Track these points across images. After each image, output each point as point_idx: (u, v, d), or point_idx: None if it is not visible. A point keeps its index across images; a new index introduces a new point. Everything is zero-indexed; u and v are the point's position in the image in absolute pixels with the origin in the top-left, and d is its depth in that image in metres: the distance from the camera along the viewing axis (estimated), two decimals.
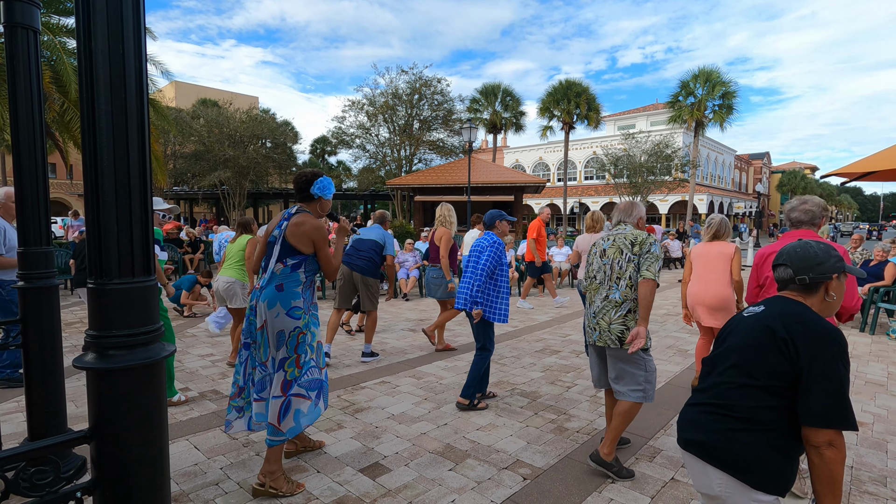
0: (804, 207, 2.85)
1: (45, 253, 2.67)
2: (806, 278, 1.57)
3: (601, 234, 3.18)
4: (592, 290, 3.02)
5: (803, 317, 1.50)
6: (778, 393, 1.46)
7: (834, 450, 1.37)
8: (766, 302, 1.65)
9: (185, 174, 25.22)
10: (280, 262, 2.81)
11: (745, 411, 1.48)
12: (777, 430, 1.45)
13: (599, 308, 2.93)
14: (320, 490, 2.69)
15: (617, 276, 2.90)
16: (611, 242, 3.01)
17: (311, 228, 2.80)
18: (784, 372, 1.45)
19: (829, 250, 1.60)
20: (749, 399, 1.48)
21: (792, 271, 1.59)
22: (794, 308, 1.54)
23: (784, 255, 1.64)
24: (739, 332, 1.60)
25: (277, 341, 2.71)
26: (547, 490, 2.72)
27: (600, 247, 3.07)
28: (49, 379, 2.65)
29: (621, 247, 2.94)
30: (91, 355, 1.25)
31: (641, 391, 2.86)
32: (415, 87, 23.01)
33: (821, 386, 1.38)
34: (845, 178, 6.40)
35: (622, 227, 3.10)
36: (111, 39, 1.21)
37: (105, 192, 1.22)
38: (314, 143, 42.78)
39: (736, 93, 26.86)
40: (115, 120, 1.22)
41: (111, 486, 1.26)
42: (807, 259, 1.58)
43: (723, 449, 1.49)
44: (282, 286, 2.78)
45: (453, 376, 4.72)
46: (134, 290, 1.26)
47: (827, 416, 1.37)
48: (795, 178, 59.49)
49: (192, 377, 4.67)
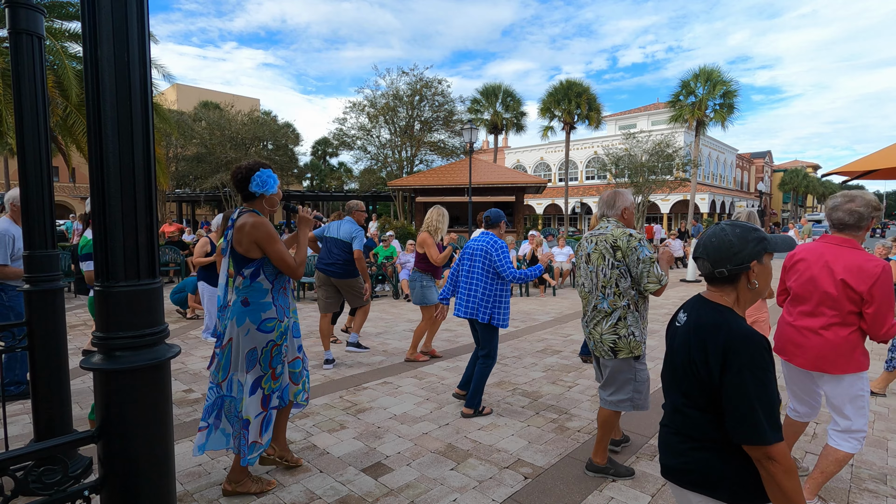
0: (849, 207, 2.38)
1: (49, 256, 2.70)
2: (724, 271, 1.44)
3: (585, 234, 2.99)
4: (584, 298, 2.89)
5: (714, 327, 1.40)
6: (712, 409, 1.39)
7: (774, 462, 1.27)
8: (688, 307, 1.55)
9: (187, 176, 25.30)
10: (238, 275, 2.62)
11: (693, 430, 1.43)
12: (729, 444, 1.37)
13: (591, 317, 2.82)
14: (323, 490, 2.72)
15: (602, 285, 2.74)
16: (593, 246, 2.80)
17: (250, 228, 2.54)
18: (710, 388, 1.38)
19: (746, 235, 1.43)
20: (694, 418, 1.43)
21: (710, 265, 1.47)
22: (705, 317, 1.44)
23: (700, 247, 1.50)
24: (674, 349, 1.53)
25: (248, 362, 2.54)
26: (548, 489, 2.74)
27: (584, 250, 2.87)
28: (54, 381, 2.68)
29: (603, 251, 2.74)
30: (98, 356, 1.28)
31: (629, 401, 2.79)
32: (415, 88, 23.06)
33: (732, 404, 1.31)
34: (847, 177, 6.41)
35: (605, 223, 2.85)
36: (116, 47, 1.23)
37: (111, 197, 1.25)
38: (315, 144, 42.93)
39: (737, 92, 26.84)
40: (121, 126, 1.24)
41: (118, 484, 1.29)
42: (722, 250, 1.43)
43: (689, 471, 1.43)
44: (247, 300, 2.59)
45: (455, 377, 4.74)
46: (139, 292, 1.28)
47: (745, 435, 1.29)
48: (797, 176, 59.39)
49: (196, 378, 4.70)
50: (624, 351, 2.73)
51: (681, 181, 26.74)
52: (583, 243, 2.92)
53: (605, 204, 2.90)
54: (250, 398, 2.54)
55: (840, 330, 2.36)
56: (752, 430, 1.28)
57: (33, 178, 2.61)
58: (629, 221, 2.86)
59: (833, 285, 2.35)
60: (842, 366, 2.36)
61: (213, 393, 2.59)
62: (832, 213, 2.47)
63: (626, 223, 2.86)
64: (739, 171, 51.05)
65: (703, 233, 1.54)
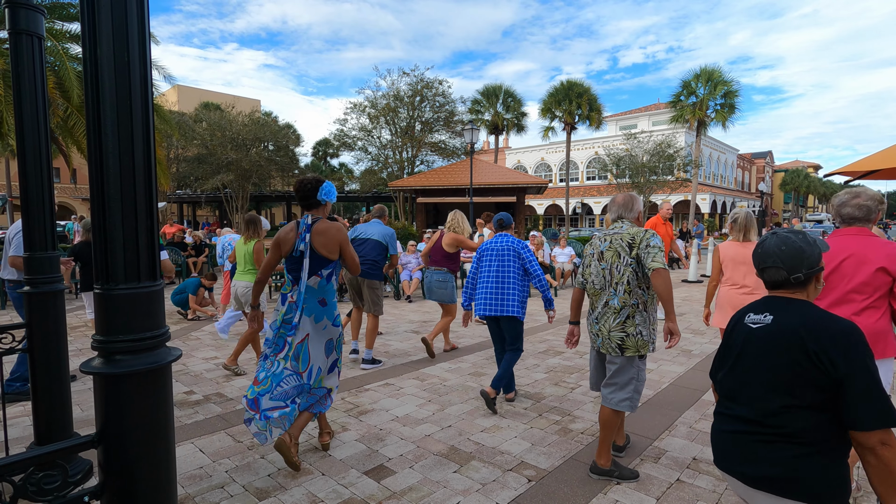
0: (857, 202, 2.50)
1: (50, 258, 2.68)
2: (801, 276, 1.52)
3: (597, 233, 3.06)
4: (594, 296, 2.92)
5: (823, 321, 1.45)
6: (824, 408, 1.42)
7: (888, 447, 1.34)
8: (770, 308, 1.55)
9: (188, 177, 25.30)
10: (315, 276, 2.96)
11: (801, 434, 1.43)
12: (830, 443, 1.41)
13: (600, 314, 2.86)
14: (325, 492, 2.70)
15: (615, 282, 2.79)
16: (608, 244, 2.85)
17: (336, 231, 2.97)
18: (825, 385, 1.40)
19: (808, 240, 1.53)
20: (801, 420, 1.43)
21: (786, 272, 1.53)
22: (810, 314, 1.48)
23: (772, 256, 1.55)
24: (757, 351, 1.52)
25: (327, 350, 3.04)
26: (552, 492, 2.72)
27: (597, 248, 2.91)
28: (55, 383, 2.66)
29: (619, 250, 2.79)
30: (98, 360, 1.26)
31: (629, 400, 2.80)
32: (416, 88, 23.05)
33: (864, 390, 1.36)
34: (849, 177, 6.39)
35: (620, 224, 2.91)
36: (116, 47, 1.22)
37: (111, 199, 1.23)
38: (316, 145, 42.94)
39: (738, 92, 26.81)
40: (121, 127, 1.23)
41: (118, 489, 1.27)
42: (796, 256, 1.52)
43: (798, 479, 1.43)
44: (324, 300, 3.00)
45: (457, 378, 4.72)
46: (140, 295, 1.27)
47: (879, 418, 1.34)
48: (798, 176, 59.33)
49: (197, 380, 4.68)
50: (631, 349, 2.76)
51: (682, 181, 26.73)
52: (595, 241, 2.97)
53: (623, 206, 2.95)
54: (329, 374, 3.08)
55: (872, 314, 2.40)
56: (884, 413, 1.34)
57: (33, 179, 2.60)
58: (641, 225, 2.96)
59: (868, 273, 2.39)
60: (880, 350, 2.37)
61: (293, 379, 2.94)
62: (841, 210, 2.55)
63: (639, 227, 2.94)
64: (740, 172, 51.00)
65: (763, 244, 1.59)
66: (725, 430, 1.60)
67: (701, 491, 2.71)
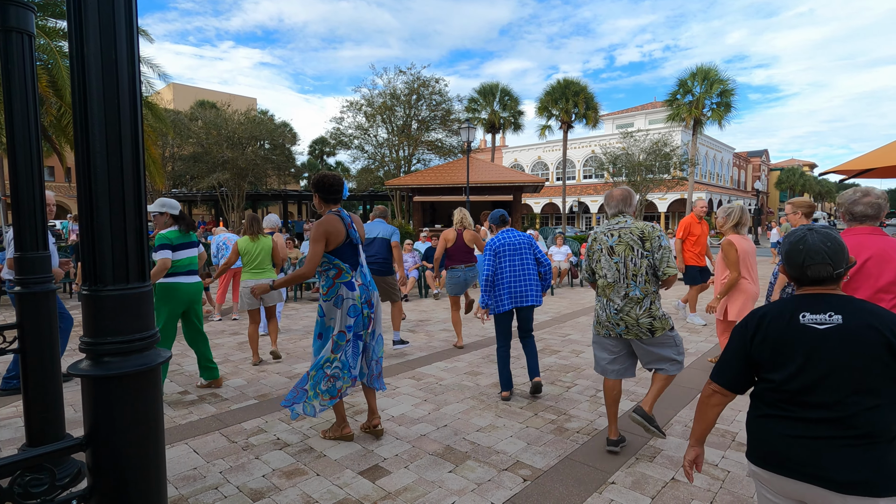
0: (868, 200, 2.53)
1: (41, 257, 2.66)
2: (843, 271, 1.56)
3: (598, 228, 3.18)
4: (607, 289, 3.04)
5: (882, 312, 1.48)
6: None
7: None
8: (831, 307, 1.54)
9: (183, 176, 25.18)
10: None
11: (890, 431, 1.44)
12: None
13: (622, 306, 3.00)
14: (320, 493, 2.68)
15: (633, 274, 2.96)
16: (616, 239, 2.99)
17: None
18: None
19: (839, 236, 1.59)
20: (888, 418, 1.44)
21: (832, 268, 1.54)
22: (878, 311, 1.50)
23: (819, 253, 1.55)
24: (834, 352, 1.48)
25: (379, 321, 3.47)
26: (547, 491, 2.71)
27: (605, 244, 3.03)
28: (48, 384, 2.64)
29: (630, 243, 2.95)
30: (86, 362, 1.24)
31: (679, 363, 3.09)
32: (413, 87, 22.98)
33: None
34: (844, 176, 6.40)
35: (622, 218, 3.06)
36: (104, 44, 1.20)
37: (99, 198, 1.21)
38: (312, 143, 42.80)
39: (734, 90, 26.88)
40: (109, 125, 1.21)
41: (107, 492, 1.26)
42: (840, 252, 1.55)
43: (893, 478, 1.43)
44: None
45: (453, 377, 4.71)
46: (128, 296, 1.25)
47: None
48: (794, 175, 59.55)
49: (191, 380, 4.66)
50: (660, 329, 3.00)
51: (678, 180, 26.79)
52: (599, 237, 3.10)
53: (622, 201, 3.11)
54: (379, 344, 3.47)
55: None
56: None
57: (24, 178, 2.57)
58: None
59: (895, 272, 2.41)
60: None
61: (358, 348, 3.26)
62: (853, 207, 2.58)
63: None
64: (736, 170, 51.15)
65: (806, 241, 1.58)
66: (797, 435, 1.52)
67: (696, 490, 2.71)
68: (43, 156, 2.71)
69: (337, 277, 3.23)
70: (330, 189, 3.25)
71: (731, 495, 2.66)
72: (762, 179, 55.33)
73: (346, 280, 3.24)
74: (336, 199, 3.28)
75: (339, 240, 3.20)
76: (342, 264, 3.24)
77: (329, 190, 3.24)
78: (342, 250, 3.24)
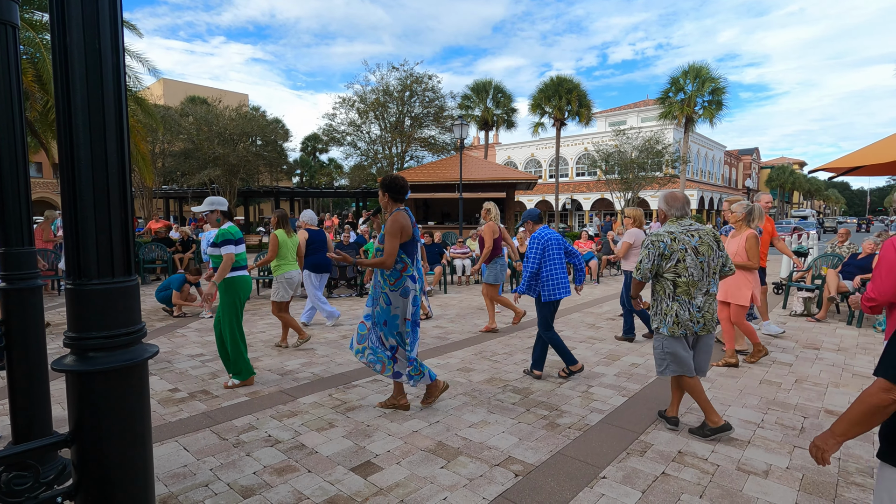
0: None
1: (27, 253, 2.62)
2: None
3: (662, 229, 3.28)
4: (691, 287, 3.18)
5: None
6: None
7: None
8: None
9: (174, 172, 24.92)
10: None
11: None
12: None
13: (703, 302, 3.21)
14: (311, 490, 2.67)
15: (713, 272, 3.23)
16: (698, 239, 3.19)
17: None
18: None
19: None
20: None
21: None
22: None
23: None
24: None
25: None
26: (539, 486, 2.72)
27: (688, 244, 3.18)
28: (34, 381, 2.60)
29: (710, 243, 3.21)
30: (70, 357, 1.22)
31: None
32: (406, 83, 22.89)
33: None
34: (833, 173, 6.47)
35: (688, 220, 3.29)
36: (87, 34, 1.18)
37: (82, 191, 1.19)
38: (305, 140, 42.53)
39: (725, 89, 27.07)
40: (92, 116, 1.19)
41: (93, 489, 1.24)
42: None
43: None
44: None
45: (445, 374, 4.71)
46: (114, 290, 1.23)
47: None
48: (784, 173, 60.13)
49: (182, 378, 4.62)
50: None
51: (670, 178, 26.93)
52: (680, 237, 3.20)
53: (687, 203, 3.34)
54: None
55: None
56: None
57: (8, 173, 2.53)
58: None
59: None
60: None
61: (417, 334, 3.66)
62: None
63: None
64: (727, 168, 51.53)
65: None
66: None
67: (686, 484, 2.73)
68: (29, 151, 2.66)
69: (404, 271, 3.56)
70: (400, 189, 3.57)
71: (721, 489, 2.68)
72: (753, 177, 55.71)
73: (411, 273, 3.58)
74: (403, 198, 3.60)
75: (408, 234, 3.52)
76: (407, 258, 3.56)
77: (400, 190, 3.56)
78: (408, 245, 3.55)
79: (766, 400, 3.99)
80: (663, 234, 3.21)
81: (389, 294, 3.57)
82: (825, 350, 5.54)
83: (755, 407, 3.84)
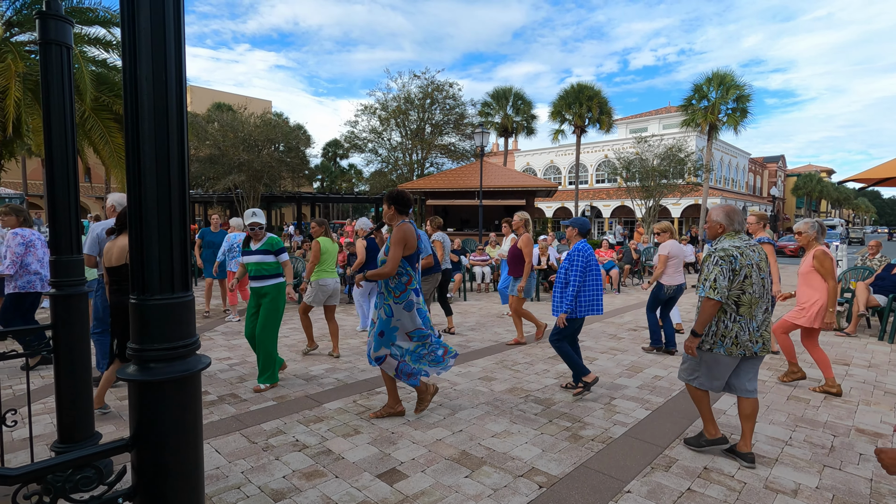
0: None
1: (75, 261, 2.76)
2: None
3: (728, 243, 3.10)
4: (753, 304, 3.06)
5: None
6: None
7: None
8: None
9: (200, 178, 25.52)
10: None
11: None
12: None
13: (762, 321, 3.10)
14: (339, 495, 2.74)
15: (768, 290, 3.13)
16: (759, 255, 3.10)
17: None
18: None
19: None
20: None
21: None
22: None
23: None
24: None
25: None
26: (563, 498, 2.74)
27: (752, 259, 3.04)
28: (79, 383, 2.73)
29: (766, 260, 3.15)
30: (133, 367, 1.31)
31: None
32: (427, 91, 23.13)
33: None
34: (864, 184, 6.33)
35: (744, 236, 3.20)
36: (155, 67, 1.27)
37: (147, 212, 1.28)
38: (326, 146, 43.16)
39: (750, 96, 26.60)
40: (158, 144, 1.28)
41: (150, 491, 1.32)
42: None
43: None
44: None
45: (467, 382, 4.75)
46: (173, 305, 1.32)
47: None
48: (811, 181, 58.64)
49: (211, 381, 4.75)
50: None
51: (692, 186, 26.53)
52: (747, 253, 3.06)
53: (744, 218, 3.33)
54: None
55: None
56: None
57: (60, 185, 2.67)
58: None
59: None
60: None
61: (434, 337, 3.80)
62: None
63: None
64: (752, 176, 50.52)
65: None
66: None
67: (712, 501, 2.72)
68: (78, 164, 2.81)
69: (408, 284, 3.64)
70: (406, 203, 3.73)
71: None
72: (778, 185, 54.53)
73: (415, 287, 3.67)
74: (407, 211, 3.74)
75: (413, 247, 3.61)
76: (412, 271, 3.65)
77: (405, 203, 3.73)
78: (412, 258, 3.64)
79: (793, 417, 3.93)
80: (731, 249, 3.03)
81: (393, 306, 3.65)
82: (855, 366, 5.41)
83: (783, 424, 3.79)
